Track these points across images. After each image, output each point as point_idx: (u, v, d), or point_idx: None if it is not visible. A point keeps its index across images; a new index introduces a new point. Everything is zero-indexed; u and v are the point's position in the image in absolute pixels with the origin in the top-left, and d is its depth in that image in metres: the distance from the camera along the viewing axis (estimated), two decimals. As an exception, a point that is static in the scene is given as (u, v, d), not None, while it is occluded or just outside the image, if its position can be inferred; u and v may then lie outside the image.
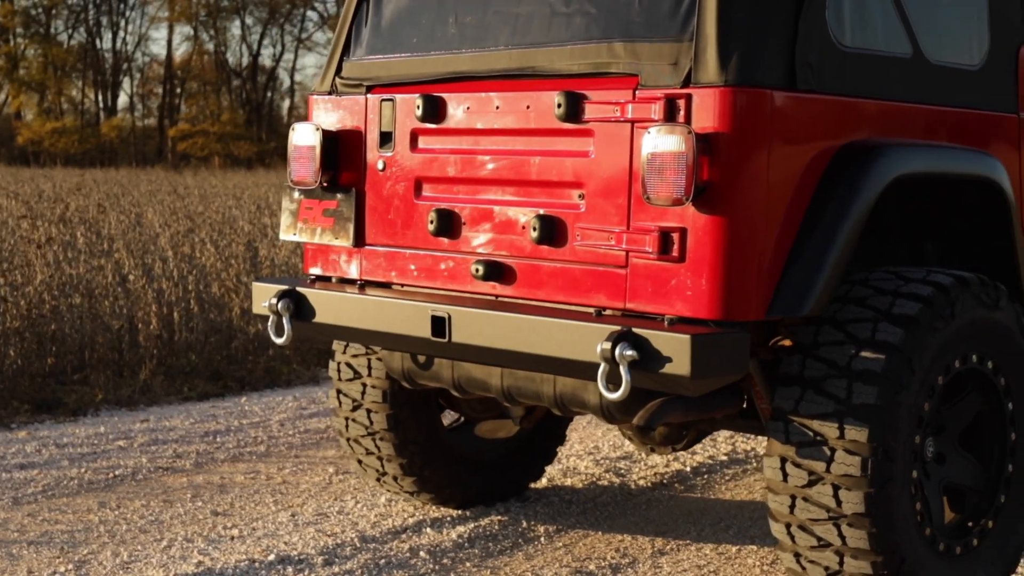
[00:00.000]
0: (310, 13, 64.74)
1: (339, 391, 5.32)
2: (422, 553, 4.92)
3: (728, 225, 3.78)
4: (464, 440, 5.46)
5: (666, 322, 3.82)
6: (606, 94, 4.01)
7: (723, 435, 6.97)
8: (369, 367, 5.19)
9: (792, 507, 4.02)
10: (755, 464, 6.40)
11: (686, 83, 3.84)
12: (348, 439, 5.37)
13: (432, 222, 4.44)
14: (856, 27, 4.11)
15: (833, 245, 3.89)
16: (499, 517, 5.37)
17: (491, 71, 4.35)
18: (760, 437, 6.67)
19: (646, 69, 3.93)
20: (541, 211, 4.17)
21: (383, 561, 4.82)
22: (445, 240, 4.44)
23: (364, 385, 5.21)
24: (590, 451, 6.59)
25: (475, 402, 5.40)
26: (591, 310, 4.06)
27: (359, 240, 4.72)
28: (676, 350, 3.69)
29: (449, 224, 4.42)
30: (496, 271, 4.30)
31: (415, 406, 5.23)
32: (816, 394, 3.95)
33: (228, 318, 9.76)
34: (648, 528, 5.29)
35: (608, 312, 4.02)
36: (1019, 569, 4.57)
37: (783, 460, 4.01)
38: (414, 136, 4.56)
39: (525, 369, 4.30)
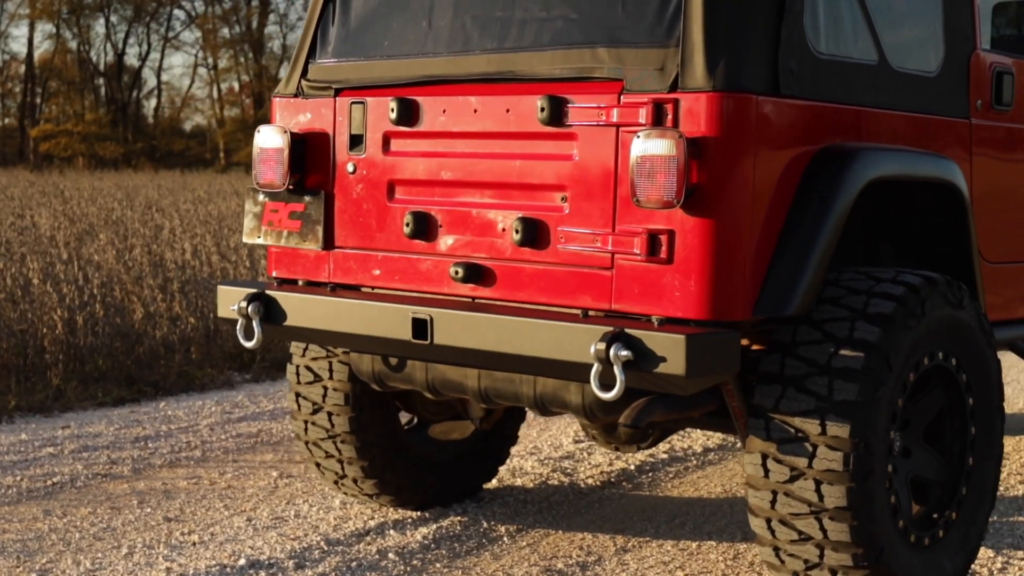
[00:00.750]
0: (177, 12, 63.91)
1: (298, 394, 5.31)
2: (391, 555, 4.93)
3: (716, 227, 3.86)
4: (421, 442, 5.49)
5: (656, 323, 3.90)
6: (590, 98, 4.07)
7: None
8: (330, 370, 5.19)
9: (773, 502, 4.12)
10: (695, 462, 6.52)
11: (673, 88, 3.92)
12: (307, 442, 5.36)
13: (408, 224, 4.46)
14: (829, 35, 4.23)
15: (816, 246, 4.00)
16: (458, 518, 5.41)
17: (469, 75, 4.39)
18: (709, 434, 6.81)
19: (631, 74, 4.00)
20: (523, 214, 4.22)
21: (354, 563, 4.83)
22: (421, 242, 4.47)
23: (325, 388, 5.21)
24: (531, 451, 6.65)
25: (431, 404, 5.42)
26: (576, 311, 4.11)
27: (328, 243, 4.72)
28: (670, 350, 3.77)
29: (425, 226, 4.45)
30: (475, 273, 4.33)
31: (376, 409, 5.24)
32: (797, 391, 4.05)
33: (131, 322, 9.63)
34: (606, 526, 5.37)
35: (593, 313, 4.08)
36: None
37: (764, 456, 4.11)
38: (386, 139, 4.57)
39: (510, 371, 4.34)
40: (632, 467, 6.36)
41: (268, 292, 4.71)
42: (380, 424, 5.26)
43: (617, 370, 3.81)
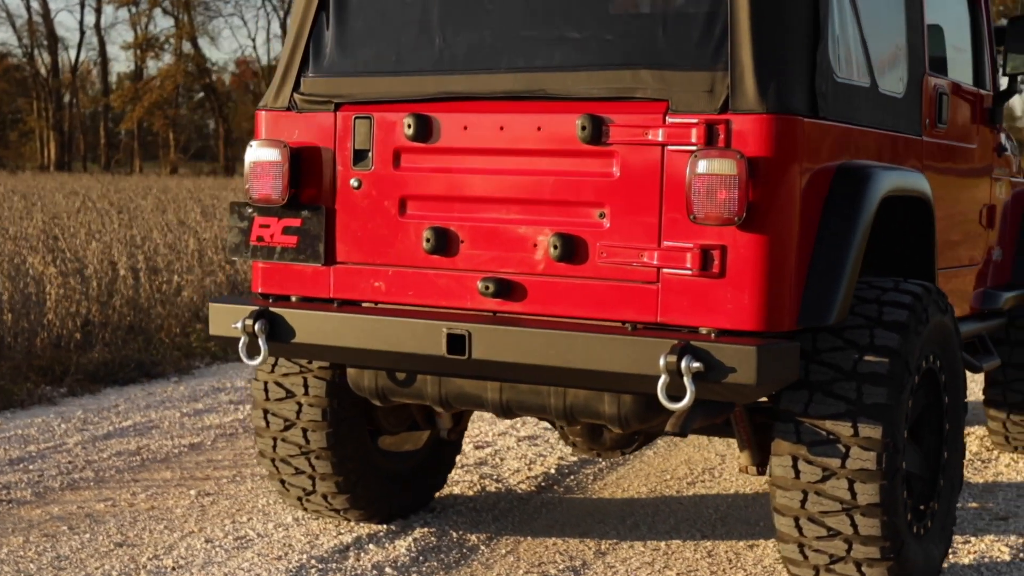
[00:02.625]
0: None
1: (266, 411, 5.23)
2: (387, 569, 4.94)
3: (768, 243, 4.07)
4: (385, 454, 5.49)
5: (712, 335, 4.07)
6: (631, 118, 4.20)
7: (552, 439, 7.26)
8: (305, 386, 5.14)
9: (804, 501, 4.35)
10: (604, 463, 6.71)
11: (723, 109, 4.09)
12: (274, 460, 5.28)
13: (428, 240, 4.48)
14: (842, 60, 4.49)
15: (848, 258, 4.26)
16: (425, 529, 5.44)
17: (493, 92, 4.44)
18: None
19: (677, 95, 4.15)
20: (558, 229, 4.31)
21: (357, 580, 4.82)
22: (440, 257, 4.50)
23: (299, 404, 5.15)
24: (446, 459, 6.71)
25: (392, 415, 5.44)
26: (617, 324, 4.24)
27: (329, 258, 4.69)
28: (741, 360, 3.96)
29: (445, 242, 4.48)
30: (506, 288, 4.40)
31: (351, 423, 5.22)
32: (825, 396, 4.30)
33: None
34: (569, 530, 5.50)
35: (640, 326, 4.21)
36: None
37: (794, 459, 4.34)
38: (397, 154, 4.58)
39: (554, 383, 4.43)
40: (551, 470, 6.52)
41: (273, 309, 4.65)
42: (354, 439, 5.25)
43: (687, 381, 3.97)
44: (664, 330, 4.19)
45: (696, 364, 3.97)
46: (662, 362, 4.00)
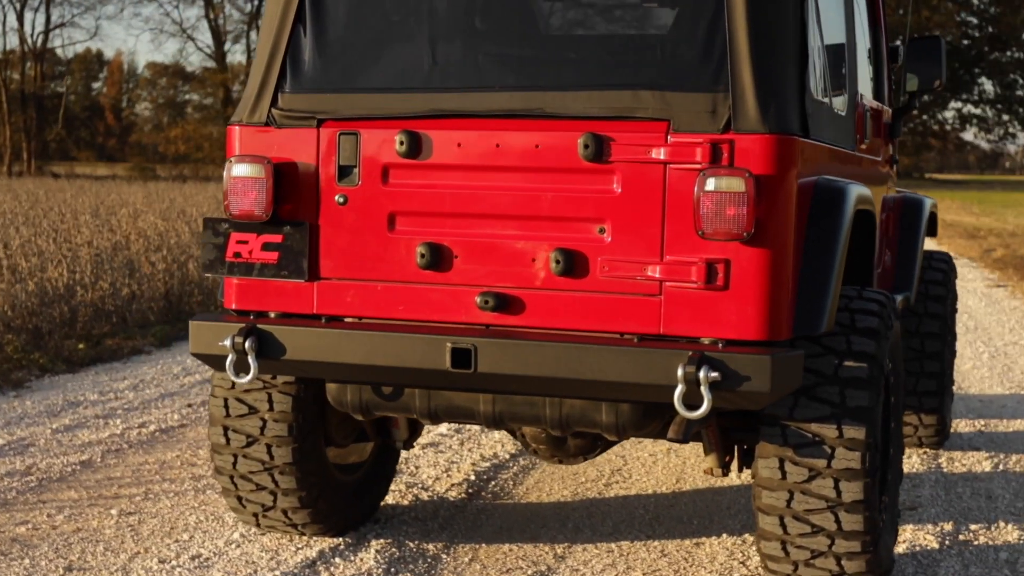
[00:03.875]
0: None
1: (226, 428, 5.18)
2: (366, 583, 4.97)
3: (770, 256, 4.28)
4: (335, 467, 5.50)
5: (720, 344, 4.26)
6: (633, 137, 4.36)
7: (455, 444, 7.35)
8: (270, 401, 5.12)
9: (789, 501, 4.59)
10: (514, 467, 6.84)
11: (725, 129, 4.28)
12: (232, 476, 5.24)
13: (423, 255, 4.53)
14: (817, 81, 4.74)
15: (834, 268, 4.51)
16: (382, 541, 5.47)
17: (489, 111, 4.52)
18: (501, 441, 7.13)
19: (679, 115, 4.32)
20: (558, 244, 4.43)
21: (343, 595, 4.83)
22: (434, 273, 4.56)
23: (263, 420, 5.13)
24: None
25: (346, 427, 5.46)
26: (619, 336, 4.38)
27: (312, 274, 4.70)
28: (756, 369, 4.16)
29: (439, 257, 4.55)
30: (505, 302, 4.49)
31: (314, 438, 5.22)
32: (809, 400, 4.55)
33: None
34: (517, 536, 5.62)
35: (643, 338, 4.36)
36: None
37: (781, 460, 4.57)
38: (386, 170, 4.62)
39: (561, 395, 4.53)
40: (471, 476, 6.61)
41: (261, 326, 4.63)
42: (316, 453, 5.25)
43: (704, 390, 4.15)
44: (667, 341, 4.35)
45: (714, 374, 4.15)
46: (680, 372, 4.17)
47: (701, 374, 4.15)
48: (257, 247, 4.72)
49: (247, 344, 4.59)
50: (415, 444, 5.64)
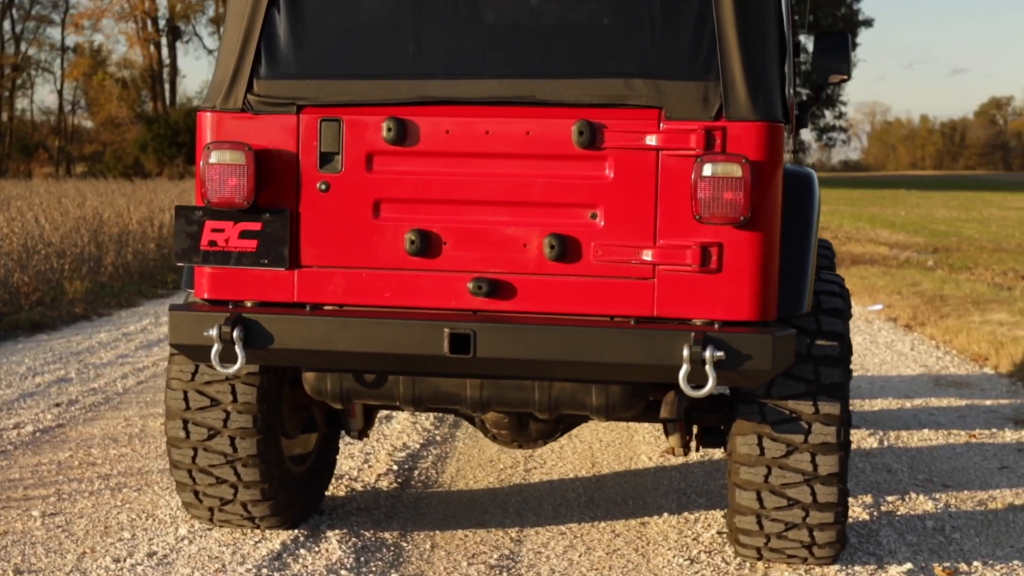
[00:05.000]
0: None
1: (186, 421, 5.08)
2: (343, 571, 4.93)
3: (760, 240, 4.43)
4: (288, 459, 5.44)
5: (716, 326, 4.40)
6: (625, 124, 4.45)
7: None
8: (233, 393, 5.04)
9: (767, 476, 4.76)
10: (433, 452, 6.86)
11: (717, 117, 4.42)
12: (191, 470, 5.13)
13: (413, 242, 4.53)
14: (788, 72, 4.91)
15: (810, 251, 4.70)
16: (338, 532, 5.43)
17: (479, 98, 4.55)
18: (410, 429, 7.13)
19: (671, 103, 4.43)
20: (550, 230, 4.49)
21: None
22: (422, 259, 4.56)
23: (227, 412, 5.04)
24: (279, 462, 6.65)
25: (294, 418, 5.41)
26: (610, 319, 4.47)
27: (293, 262, 4.65)
28: (758, 348, 4.31)
29: (427, 244, 4.55)
30: (498, 288, 4.53)
31: (276, 429, 5.16)
32: (786, 378, 4.73)
33: None
34: (466, 522, 5.65)
35: (638, 320, 4.47)
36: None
37: (759, 437, 4.75)
38: (370, 157, 4.60)
39: (561, 378, 4.59)
40: (393, 466, 6.60)
41: (247, 315, 4.56)
42: (277, 445, 5.19)
43: (709, 369, 4.28)
44: (661, 323, 4.46)
45: (719, 353, 4.28)
46: (686, 352, 4.29)
47: (707, 354, 4.28)
48: (234, 235, 4.64)
49: (235, 333, 4.51)
50: (368, 434, 5.60)
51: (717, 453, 6.99)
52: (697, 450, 5.34)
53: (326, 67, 4.68)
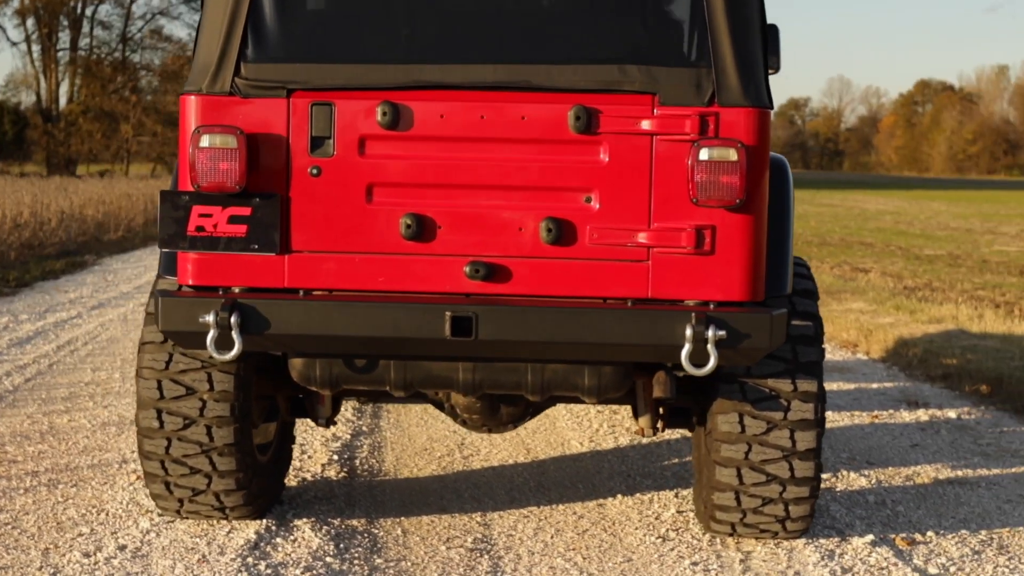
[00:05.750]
0: None
1: (160, 411, 4.99)
2: (328, 559, 4.91)
3: (751, 222, 4.57)
4: (258, 448, 5.39)
5: (712, 306, 4.52)
6: (621, 108, 4.54)
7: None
8: (210, 381, 4.97)
9: (748, 452, 4.91)
10: (367, 441, 6.85)
11: (710, 103, 4.54)
12: (164, 461, 5.05)
13: (409, 226, 4.55)
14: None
15: (790, 234, 4.86)
16: (306, 520, 5.40)
17: (474, 82, 4.58)
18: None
19: (666, 89, 4.54)
20: (546, 214, 4.55)
21: None
22: (417, 243, 4.58)
23: (203, 401, 4.97)
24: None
25: (259, 407, 5.37)
26: (604, 300, 4.56)
27: (284, 247, 4.62)
28: (757, 327, 4.45)
29: (422, 228, 4.57)
30: (494, 271, 4.57)
31: (249, 418, 5.11)
32: (766, 357, 4.87)
33: None
34: (426, 508, 5.68)
35: (635, 302, 4.56)
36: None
37: (740, 415, 4.89)
38: (362, 141, 4.59)
39: (560, 359, 4.64)
40: (334, 456, 6.57)
41: (243, 301, 4.51)
42: (250, 434, 5.14)
43: (711, 348, 4.40)
44: (656, 304, 4.56)
45: (721, 332, 4.40)
46: (689, 332, 4.39)
47: (709, 333, 4.39)
48: (223, 220, 4.58)
49: (233, 320, 4.46)
50: (336, 421, 5.58)
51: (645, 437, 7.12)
52: (663, 430, 5.45)
53: (317, 50, 4.65)
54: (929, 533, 5.43)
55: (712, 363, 4.42)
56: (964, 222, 32.26)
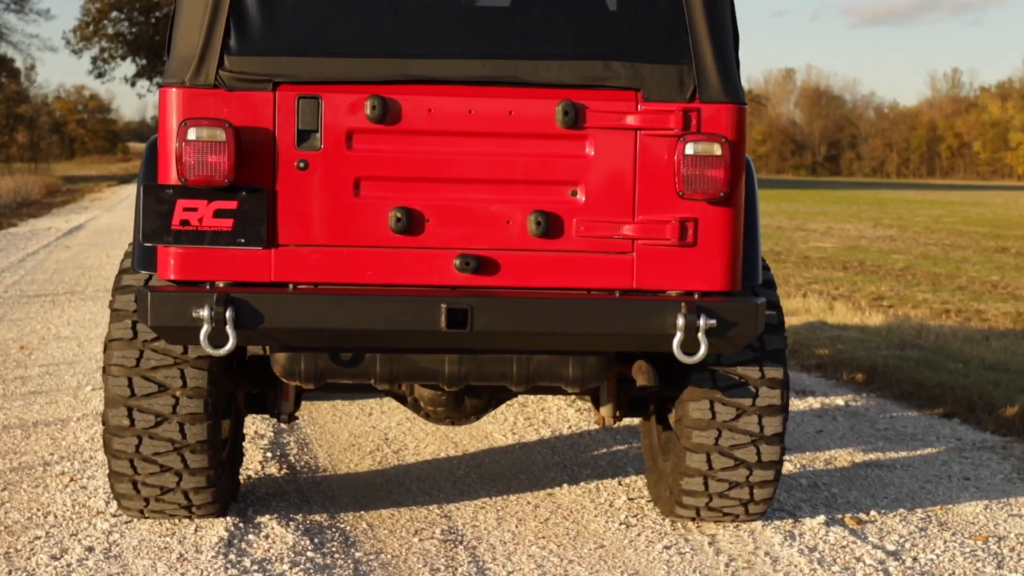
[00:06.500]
0: None
1: (130, 408, 4.91)
2: (309, 553, 4.90)
3: (731, 215, 4.72)
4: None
5: (696, 296, 4.66)
6: (607, 104, 4.65)
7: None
8: (183, 377, 4.91)
9: (718, 438, 5.07)
10: (291, 441, 6.81)
11: (691, 99, 4.68)
12: (133, 459, 4.96)
13: (399, 219, 4.57)
14: None
15: (757, 228, 5.02)
16: (270, 517, 5.36)
17: (462, 77, 4.63)
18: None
19: (649, 85, 4.66)
20: (533, 207, 4.63)
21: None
22: (405, 237, 4.61)
23: (176, 398, 4.90)
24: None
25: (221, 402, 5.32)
26: (588, 292, 4.66)
27: (271, 241, 4.60)
28: (744, 316, 4.61)
29: (410, 221, 4.60)
30: (483, 264, 4.63)
31: (220, 415, 5.06)
32: None
33: None
34: (380, 503, 5.69)
35: (619, 292, 4.67)
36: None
37: (711, 402, 5.05)
38: (350, 135, 4.60)
39: (552, 350, 4.71)
40: (268, 453, 6.51)
41: (235, 295, 4.48)
42: (219, 431, 5.08)
43: (702, 336, 4.54)
44: (640, 294, 4.68)
45: (711, 321, 4.54)
46: (681, 321, 4.52)
47: (700, 322, 4.53)
48: (208, 214, 4.54)
49: (228, 314, 4.42)
50: (297, 417, 5.54)
51: (564, 429, 7.26)
52: (620, 420, 5.56)
53: (303, 44, 4.63)
54: (872, 513, 5.67)
55: (703, 351, 4.55)
56: (772, 219, 33.27)
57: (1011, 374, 9.16)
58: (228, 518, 5.30)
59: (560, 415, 7.62)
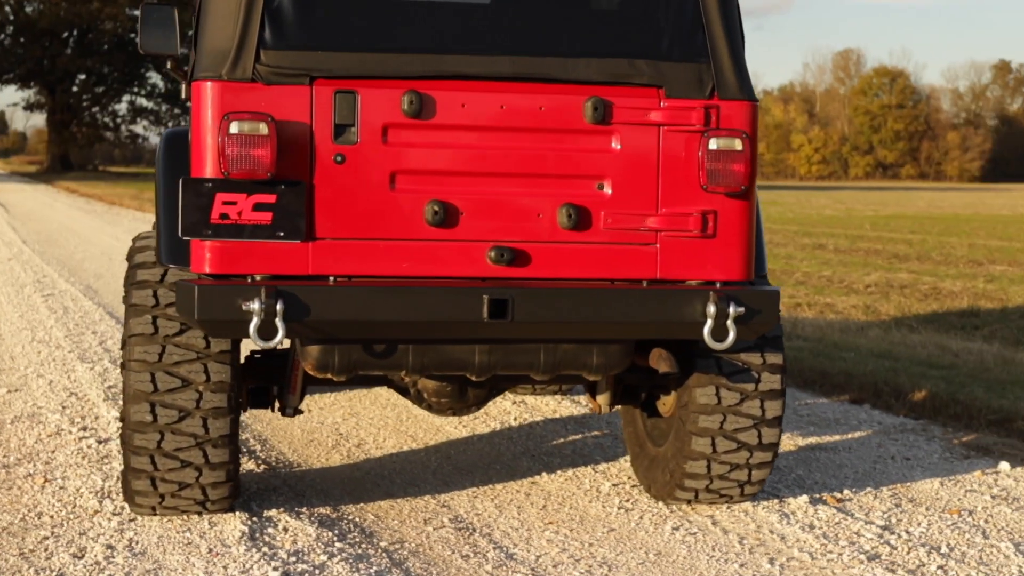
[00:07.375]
0: None
1: (153, 404, 4.87)
2: (337, 543, 4.92)
3: (748, 207, 4.94)
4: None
5: (718, 285, 4.87)
6: (632, 100, 4.82)
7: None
8: (206, 372, 4.89)
9: (723, 422, 5.28)
10: (266, 439, 6.78)
11: (711, 96, 4.88)
12: (153, 456, 4.92)
13: (436, 212, 4.66)
14: None
15: (761, 221, 5.25)
16: (279, 511, 5.36)
17: (495, 73, 4.73)
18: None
19: (672, 83, 4.84)
20: (562, 200, 4.77)
21: (305, 569, 4.79)
22: (440, 229, 4.69)
23: (199, 392, 4.89)
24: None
25: None
26: (623, 281, 4.82)
27: (309, 234, 4.64)
28: (767, 304, 4.83)
29: (445, 214, 4.70)
30: (516, 256, 4.75)
31: (239, 409, 5.06)
32: None
33: None
34: (376, 496, 5.73)
35: (648, 282, 4.84)
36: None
37: (717, 387, 5.26)
38: (386, 129, 4.67)
39: (587, 338, 4.83)
40: (242, 450, 6.46)
41: (284, 288, 4.50)
42: (238, 425, 5.08)
43: (731, 324, 4.75)
44: (663, 284, 4.86)
45: (740, 309, 4.75)
46: (712, 309, 4.72)
47: (730, 310, 4.73)
48: (247, 208, 4.56)
49: (278, 307, 4.44)
50: (301, 411, 5.53)
51: (511, 420, 7.39)
52: (611, 408, 5.73)
53: (340, 39, 4.67)
54: (846, 491, 5.95)
55: (731, 338, 4.75)
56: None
57: (902, 361, 9.63)
58: (236, 513, 5.28)
59: (500, 407, 7.74)
